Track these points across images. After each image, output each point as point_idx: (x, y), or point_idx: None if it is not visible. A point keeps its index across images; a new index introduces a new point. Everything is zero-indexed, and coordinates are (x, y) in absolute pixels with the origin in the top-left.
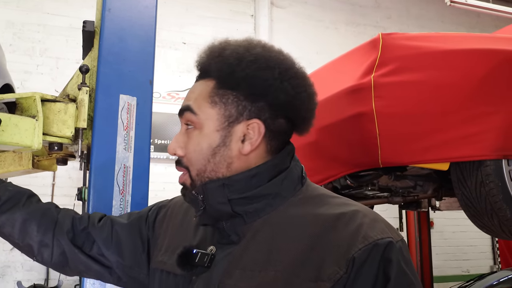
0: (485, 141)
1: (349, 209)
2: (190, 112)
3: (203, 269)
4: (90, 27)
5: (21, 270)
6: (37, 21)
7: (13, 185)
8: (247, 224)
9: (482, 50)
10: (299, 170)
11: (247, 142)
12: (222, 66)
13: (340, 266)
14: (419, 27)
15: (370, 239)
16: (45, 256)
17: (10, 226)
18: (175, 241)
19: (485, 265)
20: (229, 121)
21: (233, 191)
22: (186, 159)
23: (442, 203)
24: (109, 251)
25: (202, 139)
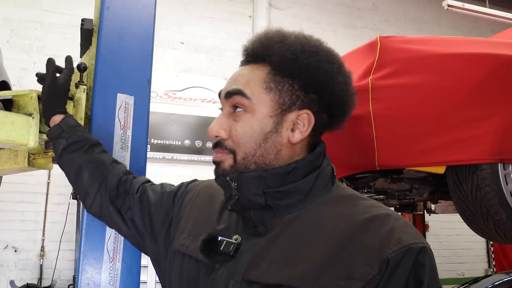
0: (481, 145)
1: (380, 212)
2: (241, 95)
3: (227, 257)
4: (88, 25)
5: (14, 269)
6: (35, 18)
7: (83, 131)
8: (277, 218)
9: (479, 54)
10: (330, 170)
11: (297, 131)
12: (285, 52)
13: (372, 267)
14: (416, 30)
15: (404, 242)
16: (86, 203)
17: (69, 167)
18: (199, 226)
19: (480, 268)
20: (282, 109)
21: (269, 184)
22: (231, 141)
23: (437, 206)
24: (139, 220)
25: (255, 123)
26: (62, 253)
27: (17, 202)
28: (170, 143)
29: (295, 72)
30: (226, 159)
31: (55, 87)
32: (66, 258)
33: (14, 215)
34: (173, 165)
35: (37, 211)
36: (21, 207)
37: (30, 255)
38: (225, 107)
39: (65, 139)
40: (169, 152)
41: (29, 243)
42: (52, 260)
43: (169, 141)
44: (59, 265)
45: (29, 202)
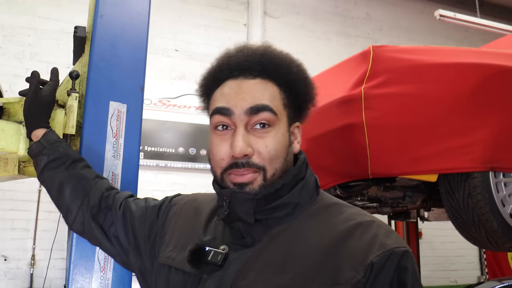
0: (473, 154)
1: (364, 219)
2: (270, 112)
3: (215, 268)
4: (81, 32)
5: (4, 278)
6: (28, 25)
7: (65, 146)
8: (265, 230)
9: (470, 64)
10: (313, 180)
11: (296, 142)
12: (300, 73)
13: (357, 271)
14: (409, 39)
15: (388, 246)
16: (68, 220)
17: (51, 184)
18: (185, 238)
19: (473, 275)
20: (289, 123)
21: (260, 204)
22: (260, 158)
23: (430, 213)
24: (123, 235)
25: (281, 138)
26: (53, 262)
27: (7, 210)
28: (164, 150)
29: (302, 90)
30: (256, 179)
31: (38, 101)
32: (57, 267)
33: (4, 223)
34: (167, 173)
35: (28, 219)
36: (12, 215)
37: (20, 264)
38: (239, 123)
39: (46, 155)
40: (163, 160)
41: (19, 251)
42: (43, 269)
43: (163, 148)
44: (50, 274)
45: (20, 210)
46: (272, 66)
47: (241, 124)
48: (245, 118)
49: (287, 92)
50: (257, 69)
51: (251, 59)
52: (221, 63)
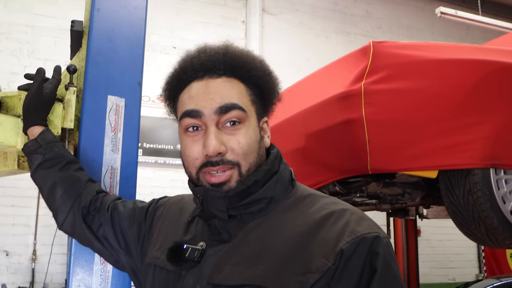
0: (474, 150)
1: (337, 208)
2: (239, 109)
3: (193, 264)
4: (78, 26)
5: (6, 273)
6: (25, 22)
7: (60, 147)
8: (240, 225)
9: (471, 60)
10: (288, 173)
11: (265, 136)
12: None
13: (328, 259)
14: (409, 37)
15: (358, 233)
16: (59, 219)
17: (43, 183)
18: (168, 238)
19: (471, 273)
20: (259, 118)
21: (232, 202)
22: (234, 155)
23: (429, 211)
24: (112, 237)
25: (252, 133)
26: (54, 257)
27: (9, 206)
28: (162, 147)
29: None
30: (232, 176)
31: (39, 97)
32: (58, 261)
33: (6, 219)
34: (165, 170)
35: (29, 215)
36: (12, 211)
37: (22, 259)
38: (210, 123)
39: (42, 154)
40: (162, 157)
41: (20, 247)
42: (44, 264)
43: (162, 145)
44: (51, 268)
45: (20, 206)
46: (236, 63)
47: (212, 124)
48: (215, 117)
49: (252, 88)
50: (221, 68)
51: (214, 59)
52: (184, 65)
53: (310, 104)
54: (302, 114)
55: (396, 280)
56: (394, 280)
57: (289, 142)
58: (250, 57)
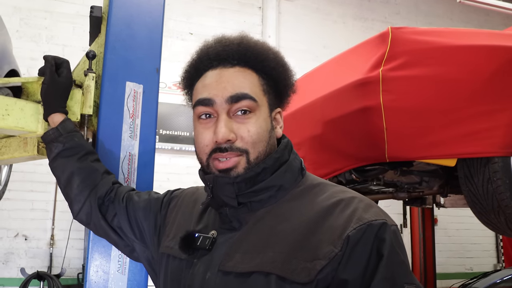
0: (493, 138)
1: (346, 196)
2: (250, 99)
3: (204, 252)
4: (97, 12)
5: (25, 257)
6: (44, 8)
7: (80, 137)
8: (250, 213)
9: (491, 46)
10: (298, 163)
11: (278, 127)
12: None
13: (335, 245)
14: (427, 24)
15: (365, 220)
16: (74, 209)
17: (61, 171)
18: (182, 228)
19: (489, 263)
20: (271, 109)
21: (241, 188)
22: (243, 142)
23: (446, 200)
24: (127, 226)
25: (263, 123)
26: (72, 242)
27: (27, 191)
28: (178, 134)
29: (281, 77)
30: (239, 163)
31: (55, 85)
32: (75, 247)
33: (24, 204)
34: (181, 156)
35: (47, 200)
36: (31, 196)
37: (40, 244)
38: (221, 111)
39: (62, 143)
40: (178, 143)
41: (39, 231)
42: (62, 249)
43: (178, 132)
44: (68, 253)
45: (39, 191)
46: (250, 54)
47: (223, 112)
48: (226, 106)
49: (265, 79)
50: (235, 58)
51: (229, 49)
52: (200, 54)
53: (328, 91)
54: (319, 101)
55: (403, 266)
56: (401, 266)
57: (306, 129)
58: (265, 48)
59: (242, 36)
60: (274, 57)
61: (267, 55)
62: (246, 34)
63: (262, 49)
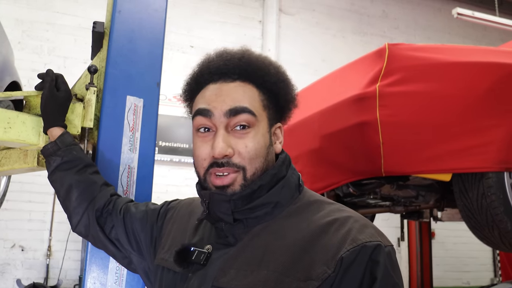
0: (488, 154)
1: (341, 215)
2: (249, 113)
3: (199, 266)
4: (100, 28)
5: (21, 268)
6: (46, 20)
7: (79, 150)
8: (246, 229)
9: (486, 63)
10: (296, 179)
11: (278, 142)
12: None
13: (329, 266)
14: (426, 38)
15: (359, 241)
16: (73, 221)
17: (60, 185)
18: (177, 240)
19: (486, 277)
20: (271, 124)
21: (237, 205)
22: (240, 158)
23: (444, 214)
24: (124, 238)
25: (261, 138)
26: (69, 253)
27: (25, 201)
28: (178, 145)
29: (281, 92)
30: (236, 180)
31: (54, 99)
32: (72, 258)
33: (22, 215)
34: (180, 168)
35: (45, 211)
36: (29, 207)
37: (37, 255)
38: (220, 125)
39: (60, 157)
40: (177, 155)
41: (36, 242)
42: (59, 260)
43: (177, 143)
44: (65, 265)
45: (37, 202)
46: (251, 68)
47: (221, 126)
48: (224, 120)
49: (266, 94)
50: (236, 72)
51: (230, 63)
52: (202, 68)
53: (325, 105)
54: (317, 116)
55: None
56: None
57: (304, 143)
58: (266, 63)
59: (243, 50)
60: (275, 72)
61: (268, 70)
62: (248, 49)
63: (263, 64)
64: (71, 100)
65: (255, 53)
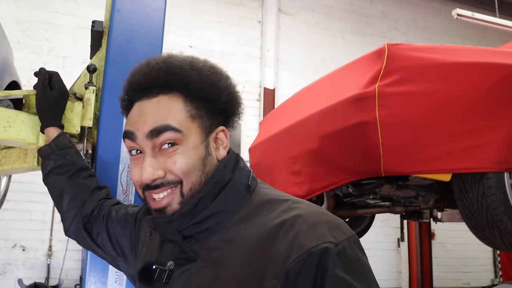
0: (488, 154)
1: (290, 215)
2: (172, 131)
3: (161, 285)
4: (98, 27)
5: (22, 268)
6: (45, 20)
7: (73, 154)
8: (201, 243)
9: (486, 63)
10: (244, 179)
11: (221, 148)
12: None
13: (278, 279)
14: (425, 39)
15: (304, 247)
16: (65, 226)
17: (53, 188)
18: (148, 252)
19: (486, 278)
20: (206, 132)
21: (181, 223)
22: (173, 175)
23: (444, 214)
24: (108, 244)
25: (191, 152)
26: (69, 253)
27: (26, 201)
28: None
29: (212, 96)
30: (173, 199)
31: (47, 98)
32: (73, 258)
33: (23, 215)
34: None
35: (45, 211)
36: (30, 207)
37: (38, 254)
38: (146, 147)
39: (54, 161)
40: None
41: (37, 242)
42: (60, 260)
43: None
44: (66, 264)
45: (38, 202)
46: (171, 79)
47: (147, 148)
48: (148, 142)
49: (195, 101)
50: (157, 86)
51: (149, 77)
52: (127, 84)
53: (324, 105)
54: (316, 116)
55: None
56: None
57: (303, 143)
58: (187, 68)
59: (164, 58)
60: (199, 77)
61: (190, 77)
62: (170, 56)
63: (184, 71)
64: (67, 98)
65: (178, 59)
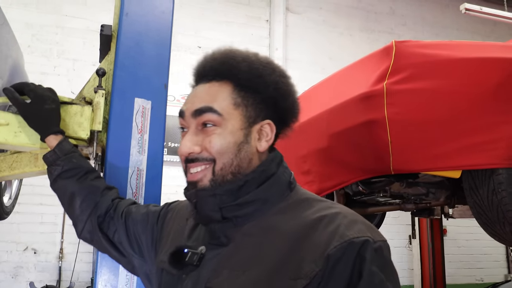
0: (497, 150)
1: (330, 212)
2: (213, 113)
3: (192, 267)
4: (107, 31)
5: (34, 271)
6: (55, 23)
7: (78, 157)
8: (237, 228)
9: (495, 58)
10: (287, 176)
11: (263, 140)
12: (252, 70)
13: (317, 264)
14: (434, 34)
15: (346, 237)
16: (78, 228)
17: (62, 193)
18: (174, 242)
19: (499, 274)
20: (249, 121)
21: (224, 200)
22: (208, 153)
23: (455, 210)
24: (126, 241)
25: (228, 136)
26: (81, 256)
27: (37, 204)
28: None
29: (259, 88)
30: (206, 174)
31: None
32: (84, 260)
33: (34, 218)
34: None
35: (56, 214)
36: (41, 210)
37: (49, 257)
38: (191, 125)
39: (60, 166)
40: None
41: (48, 245)
42: (71, 262)
43: None
44: (77, 267)
45: (48, 205)
46: (224, 68)
47: (192, 126)
48: (193, 120)
49: (243, 91)
50: (211, 73)
51: (206, 64)
52: (193, 71)
53: (333, 104)
54: (325, 114)
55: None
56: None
57: (312, 142)
58: (242, 60)
59: (225, 51)
60: (248, 69)
61: (240, 67)
62: (231, 49)
63: (237, 62)
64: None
65: (236, 52)
